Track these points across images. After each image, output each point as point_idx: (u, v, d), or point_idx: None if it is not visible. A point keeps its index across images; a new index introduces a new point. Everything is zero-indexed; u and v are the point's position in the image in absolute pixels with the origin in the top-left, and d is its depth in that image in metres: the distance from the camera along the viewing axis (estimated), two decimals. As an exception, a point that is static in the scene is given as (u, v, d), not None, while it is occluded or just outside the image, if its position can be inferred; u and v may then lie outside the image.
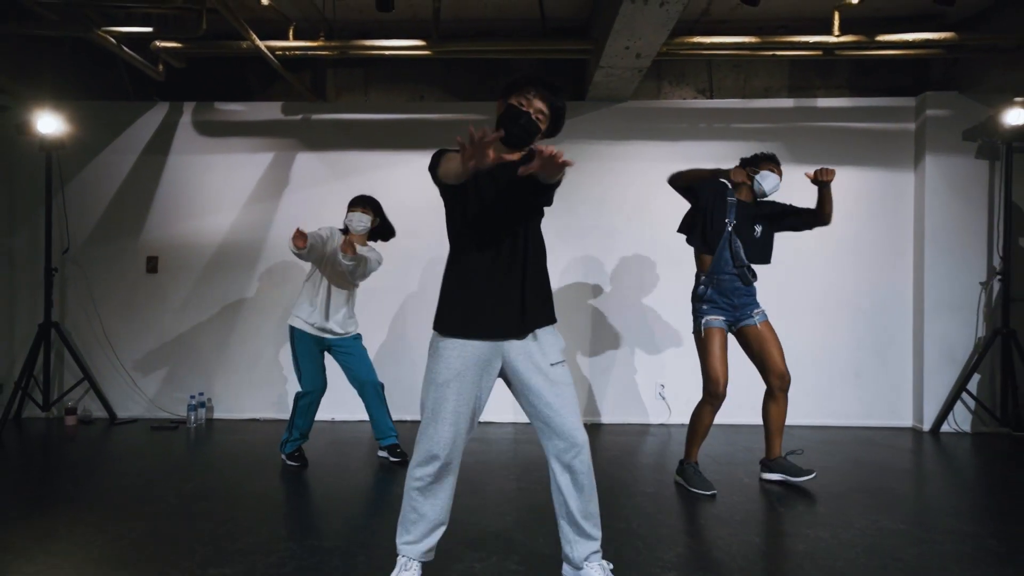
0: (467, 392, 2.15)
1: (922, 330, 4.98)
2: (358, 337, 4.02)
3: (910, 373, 5.10)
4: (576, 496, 2.14)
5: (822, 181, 3.35)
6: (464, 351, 2.15)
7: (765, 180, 3.45)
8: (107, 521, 2.94)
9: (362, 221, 3.85)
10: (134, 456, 4.15)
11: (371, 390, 3.97)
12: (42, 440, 4.58)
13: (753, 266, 3.46)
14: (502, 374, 2.24)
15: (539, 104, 2.15)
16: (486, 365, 2.18)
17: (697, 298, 3.46)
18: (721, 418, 4.73)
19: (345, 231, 3.96)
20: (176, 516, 3.04)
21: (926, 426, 4.94)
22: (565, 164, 1.86)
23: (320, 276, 3.86)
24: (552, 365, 2.17)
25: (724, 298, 3.41)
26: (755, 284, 3.48)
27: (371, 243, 4.04)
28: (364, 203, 3.90)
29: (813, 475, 3.49)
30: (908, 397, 5.11)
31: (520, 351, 2.17)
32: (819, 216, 3.46)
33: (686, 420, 4.68)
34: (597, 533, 2.20)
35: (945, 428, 4.90)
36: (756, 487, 3.53)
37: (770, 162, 3.51)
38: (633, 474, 3.78)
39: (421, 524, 2.19)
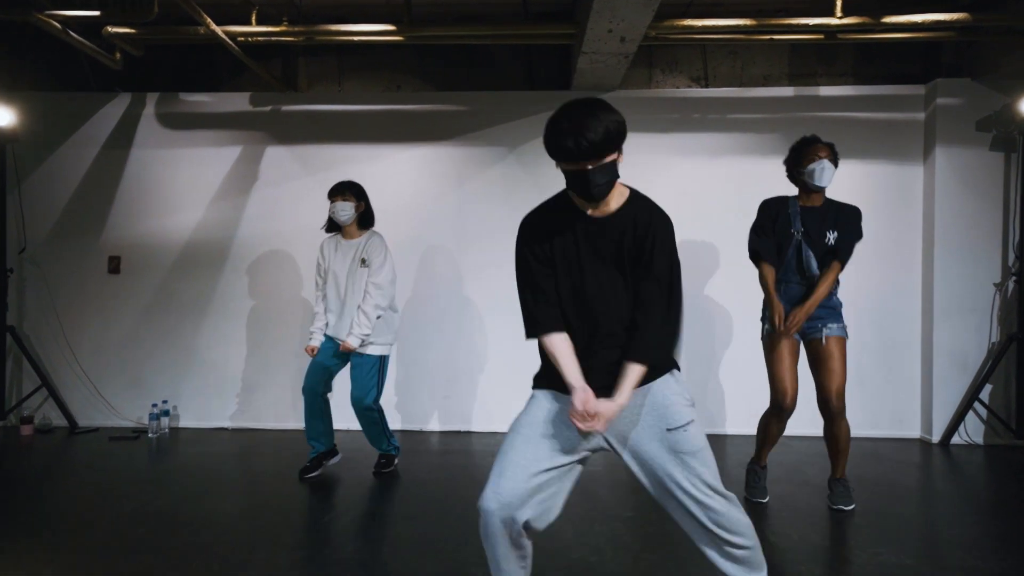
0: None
1: (931, 335, 4.65)
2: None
3: (918, 381, 4.77)
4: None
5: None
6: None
7: (813, 172, 3.15)
8: (48, 537, 2.66)
9: (345, 210, 3.62)
10: (86, 470, 3.89)
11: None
12: (-7, 451, 4.32)
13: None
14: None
15: (584, 164, 1.74)
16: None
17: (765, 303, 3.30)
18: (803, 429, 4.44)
19: (333, 228, 3.77)
20: (113, 539, 2.75)
21: (935, 437, 4.61)
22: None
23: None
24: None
25: (790, 305, 3.20)
26: (836, 296, 3.30)
27: (368, 230, 3.76)
28: (344, 190, 3.65)
29: (852, 507, 3.23)
30: (916, 406, 4.78)
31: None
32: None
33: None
34: None
35: (956, 440, 4.57)
36: (758, 510, 3.22)
37: (810, 147, 3.20)
38: (613, 492, 3.48)
39: None
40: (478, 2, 4.70)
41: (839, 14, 4.01)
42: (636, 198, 1.91)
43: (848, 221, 3.23)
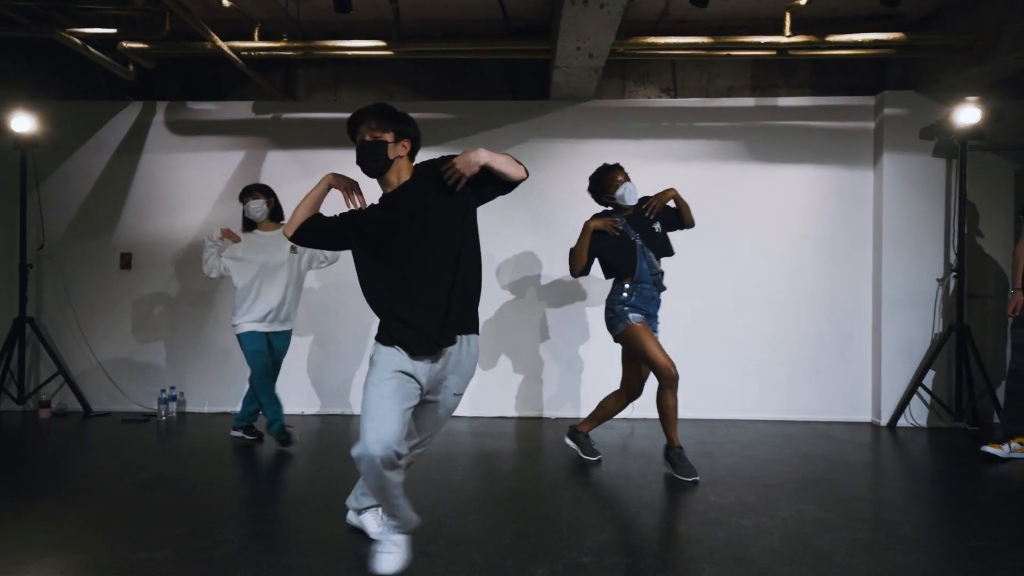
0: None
1: (880, 326, 5.04)
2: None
3: (869, 368, 5.17)
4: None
5: (655, 208, 3.66)
6: None
7: (624, 196, 3.62)
8: (59, 507, 3.04)
9: (259, 208, 4.13)
10: (98, 449, 4.26)
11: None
12: (15, 433, 4.69)
13: (663, 265, 3.73)
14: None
15: (367, 134, 2.41)
16: None
17: (620, 301, 3.61)
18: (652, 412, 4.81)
19: (248, 227, 4.23)
20: (122, 505, 3.14)
21: (884, 421, 5.00)
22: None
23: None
24: None
25: (644, 304, 3.62)
26: (661, 296, 3.71)
27: (282, 223, 4.24)
28: (253, 189, 4.18)
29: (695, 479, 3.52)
30: (867, 392, 5.17)
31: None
32: (682, 222, 3.77)
33: (647, 414, 4.78)
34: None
35: (902, 423, 4.96)
36: (700, 479, 3.61)
37: (610, 174, 3.68)
38: (580, 465, 3.86)
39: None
40: (463, 19, 5.09)
41: (788, 32, 4.41)
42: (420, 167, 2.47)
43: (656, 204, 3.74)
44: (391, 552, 2.33)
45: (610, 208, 3.76)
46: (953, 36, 4.40)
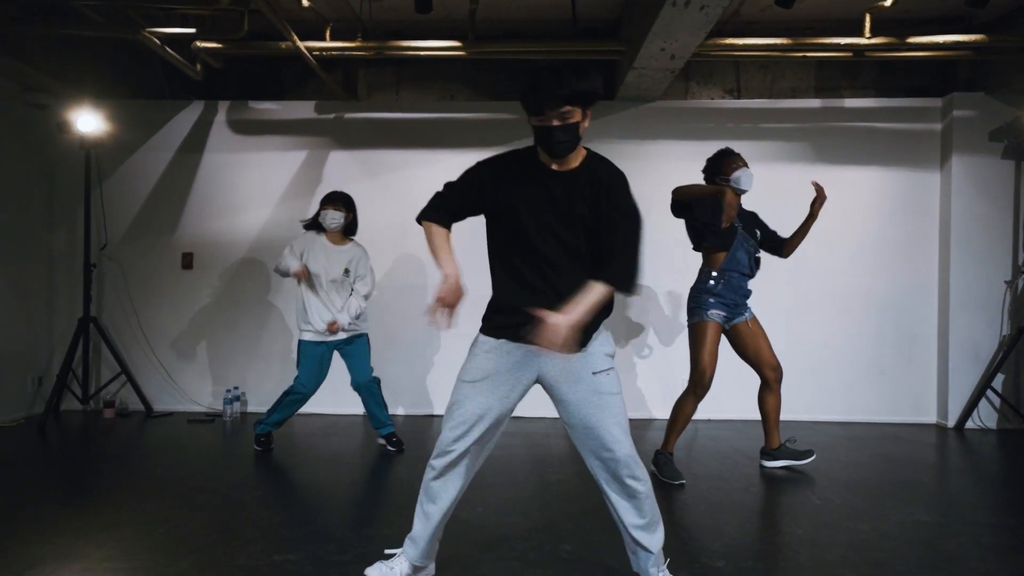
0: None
1: (947, 328, 5.04)
2: (363, 336, 4.15)
3: (935, 370, 5.17)
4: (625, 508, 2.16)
5: (819, 200, 3.62)
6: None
7: (740, 179, 3.52)
8: (166, 509, 3.04)
9: (335, 219, 4.01)
10: (175, 448, 4.25)
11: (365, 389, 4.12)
12: (82, 432, 4.69)
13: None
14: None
15: (556, 117, 1.95)
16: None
17: (706, 291, 3.53)
18: (735, 413, 4.81)
19: (315, 227, 4.08)
20: (230, 505, 3.13)
21: (951, 423, 5.01)
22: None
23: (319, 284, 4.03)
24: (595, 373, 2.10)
25: (732, 295, 3.54)
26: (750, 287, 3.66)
27: (352, 240, 4.17)
28: (336, 199, 4.06)
29: (814, 456, 3.72)
30: (933, 394, 5.17)
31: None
32: (785, 247, 3.74)
33: (716, 415, 4.78)
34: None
35: (969, 425, 4.96)
36: (793, 479, 3.61)
37: (731, 156, 3.60)
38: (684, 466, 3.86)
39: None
40: (532, 19, 5.08)
41: (868, 34, 4.40)
42: (594, 157, 2.11)
43: (757, 218, 3.77)
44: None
45: None
46: (1031, 38, 4.40)
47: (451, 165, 5.42)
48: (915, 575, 2.41)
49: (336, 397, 5.34)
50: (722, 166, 3.58)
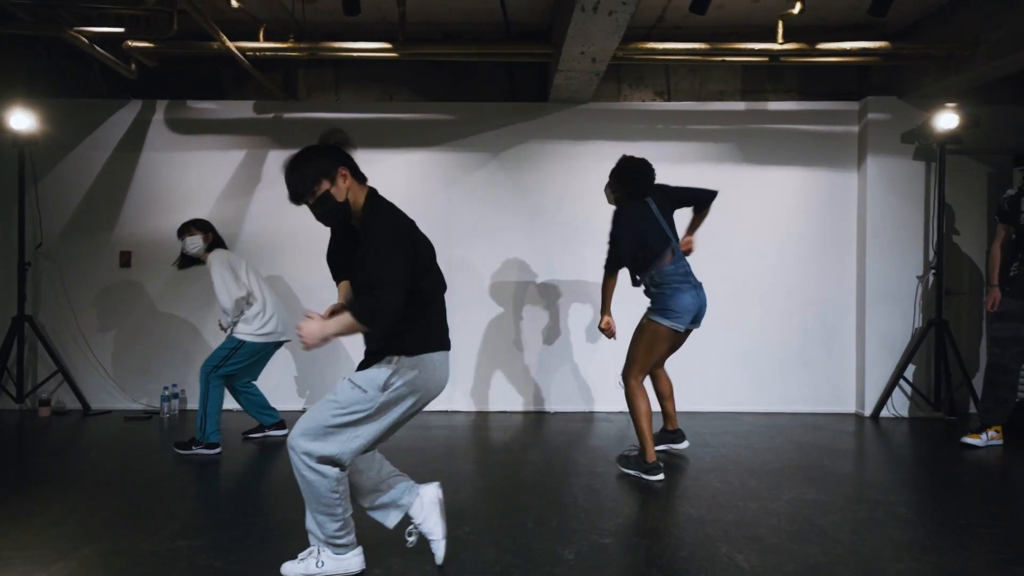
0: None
1: (864, 321, 5.28)
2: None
3: (853, 361, 5.40)
4: None
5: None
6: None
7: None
8: (81, 501, 3.09)
9: (195, 244, 4.19)
10: (107, 445, 4.29)
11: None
12: (15, 430, 4.69)
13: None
14: None
15: (310, 200, 2.27)
16: None
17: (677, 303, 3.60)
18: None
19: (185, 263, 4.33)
20: (146, 496, 3.20)
21: (867, 411, 5.24)
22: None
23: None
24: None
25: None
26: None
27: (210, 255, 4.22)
28: (192, 226, 4.21)
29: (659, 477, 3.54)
30: (852, 384, 5.41)
31: None
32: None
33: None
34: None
35: (884, 413, 5.20)
36: (702, 465, 3.77)
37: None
38: (586, 456, 4.01)
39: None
40: (465, 22, 5.20)
41: (780, 40, 4.61)
42: (368, 204, 2.31)
43: (665, 188, 3.84)
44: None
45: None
46: (934, 45, 4.64)
47: (391, 166, 5.54)
48: (786, 547, 2.58)
49: (279, 393, 5.41)
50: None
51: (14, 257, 5.18)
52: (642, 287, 3.72)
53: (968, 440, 4.23)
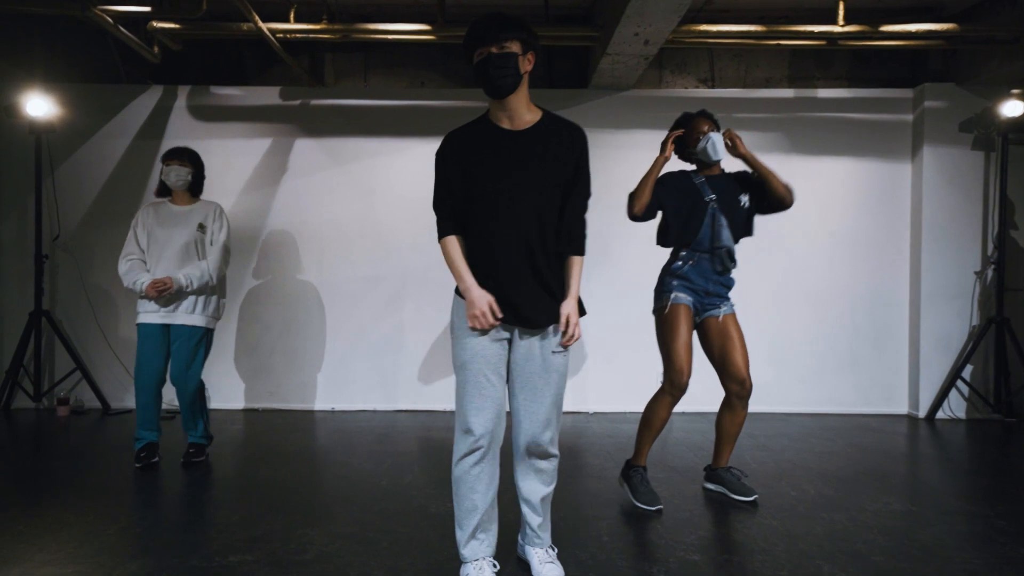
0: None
1: (918, 319, 5.06)
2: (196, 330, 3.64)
3: (906, 361, 5.18)
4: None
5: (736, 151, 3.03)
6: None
7: (707, 149, 2.99)
8: (116, 509, 2.88)
9: (180, 175, 3.56)
10: (129, 447, 4.06)
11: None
12: (33, 431, 4.47)
13: (735, 248, 3.08)
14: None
15: (493, 46, 2.04)
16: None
17: (670, 272, 3.06)
18: (710, 405, 4.75)
19: (163, 191, 3.67)
20: (186, 504, 2.98)
21: (921, 413, 5.02)
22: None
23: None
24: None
25: (701, 280, 3.02)
26: (733, 276, 3.11)
27: (200, 199, 3.72)
28: (181, 155, 3.61)
29: (755, 497, 3.05)
30: (904, 385, 5.19)
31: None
32: (773, 199, 3.04)
33: (691, 408, 4.71)
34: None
35: (940, 415, 4.98)
36: (767, 471, 3.56)
37: (692, 121, 3.06)
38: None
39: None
40: (502, 4, 4.97)
41: (841, 22, 4.37)
42: (551, 116, 2.17)
43: (748, 176, 3.13)
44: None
45: (693, 168, 3.15)
46: (1002, 28, 4.40)
47: (421, 154, 5.31)
48: (893, 566, 2.36)
49: (303, 392, 5.20)
50: (685, 135, 3.07)
51: (31, 250, 4.96)
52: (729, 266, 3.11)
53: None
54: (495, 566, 2.17)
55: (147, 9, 4.15)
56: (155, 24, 4.35)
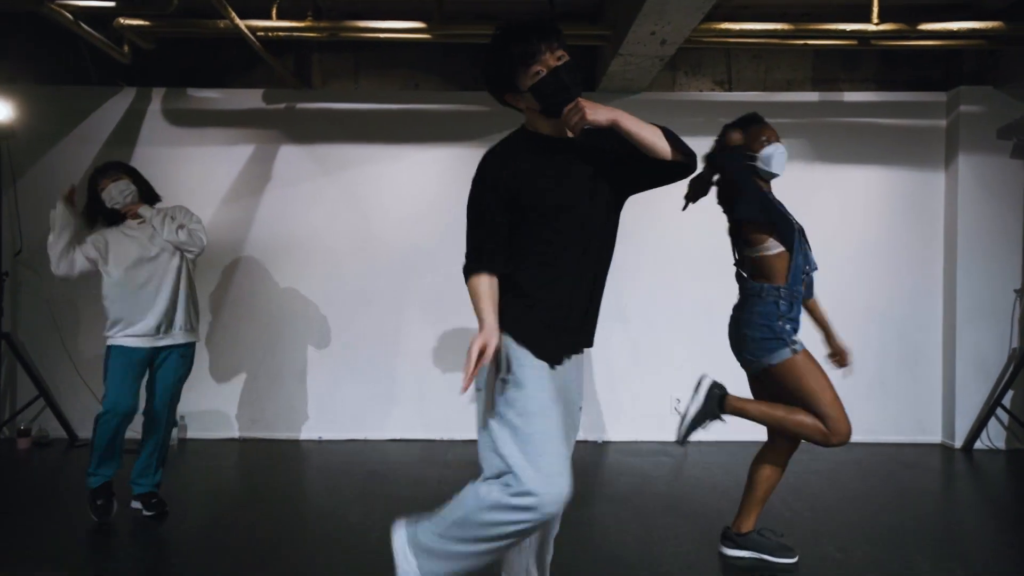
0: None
1: (953, 340, 4.69)
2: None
3: (939, 386, 4.81)
4: None
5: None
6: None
7: (772, 154, 2.63)
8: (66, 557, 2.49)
9: (123, 191, 3.13)
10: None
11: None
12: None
13: None
14: None
15: (553, 58, 1.78)
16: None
17: (779, 316, 2.60)
18: (723, 434, 4.35)
19: (110, 216, 3.19)
20: (170, 550, 2.59)
21: (957, 443, 4.65)
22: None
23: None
24: None
25: (799, 316, 2.68)
26: None
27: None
28: (115, 169, 3.19)
29: (795, 559, 2.70)
30: (937, 412, 4.82)
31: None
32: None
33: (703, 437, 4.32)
34: None
35: (978, 445, 4.61)
36: (796, 524, 3.18)
37: (758, 125, 2.71)
38: (676, 493, 3.40)
39: None
40: (502, 0, 4.58)
41: (876, 20, 4.00)
42: None
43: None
44: None
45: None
46: (1050, 27, 4.04)
47: (416, 161, 4.92)
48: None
49: (288, 419, 4.81)
50: (748, 139, 2.69)
51: (-10, 266, 4.55)
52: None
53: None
54: None
55: (111, 4, 3.75)
56: (122, 21, 3.95)
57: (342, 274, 4.81)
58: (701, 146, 4.97)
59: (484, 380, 1.81)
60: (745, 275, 2.75)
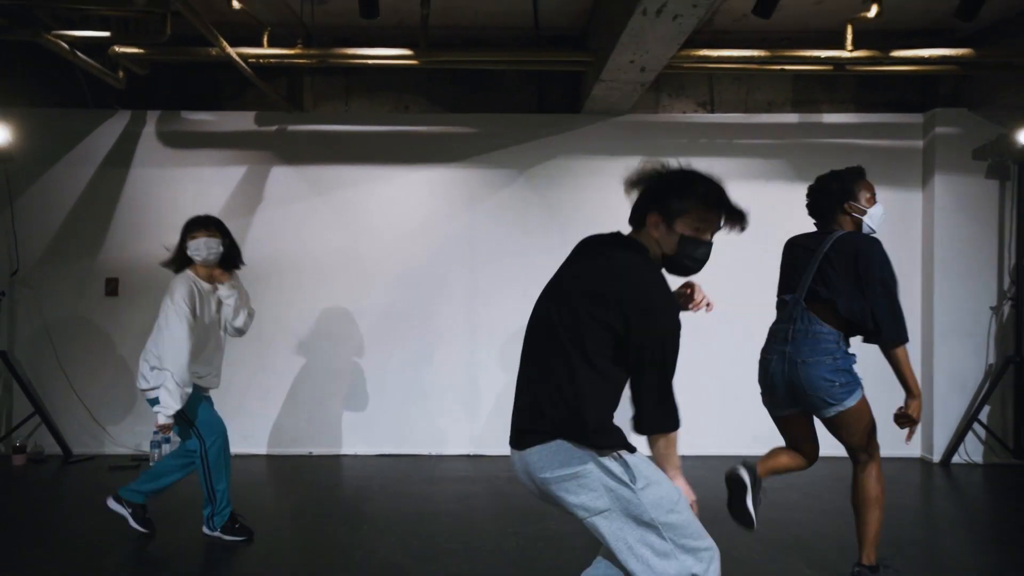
0: None
1: (931, 357, 4.78)
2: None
3: (918, 401, 4.89)
4: None
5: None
6: None
7: (875, 217, 2.84)
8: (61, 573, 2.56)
9: (212, 249, 3.17)
10: (87, 501, 3.74)
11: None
12: (-12, 483, 4.15)
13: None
14: None
15: (711, 236, 1.90)
16: None
17: (848, 357, 2.81)
18: (711, 449, 4.43)
19: (181, 263, 3.28)
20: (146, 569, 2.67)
21: (936, 457, 4.74)
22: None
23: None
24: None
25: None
26: None
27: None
28: (208, 224, 3.20)
29: None
30: (916, 427, 4.89)
31: None
32: None
33: (700, 451, 4.38)
34: None
35: (955, 459, 4.70)
36: (779, 542, 3.26)
37: (864, 183, 2.81)
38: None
39: None
40: (489, 25, 4.70)
41: (850, 47, 4.11)
42: None
43: None
44: None
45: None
46: (1018, 53, 4.15)
47: (406, 182, 5.02)
48: None
49: (278, 435, 4.88)
50: (855, 190, 2.78)
51: (-13, 286, 4.64)
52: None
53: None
54: None
55: (107, 34, 3.86)
56: (117, 49, 4.06)
57: (333, 292, 4.90)
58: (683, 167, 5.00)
59: (605, 502, 1.71)
60: (812, 317, 2.74)
